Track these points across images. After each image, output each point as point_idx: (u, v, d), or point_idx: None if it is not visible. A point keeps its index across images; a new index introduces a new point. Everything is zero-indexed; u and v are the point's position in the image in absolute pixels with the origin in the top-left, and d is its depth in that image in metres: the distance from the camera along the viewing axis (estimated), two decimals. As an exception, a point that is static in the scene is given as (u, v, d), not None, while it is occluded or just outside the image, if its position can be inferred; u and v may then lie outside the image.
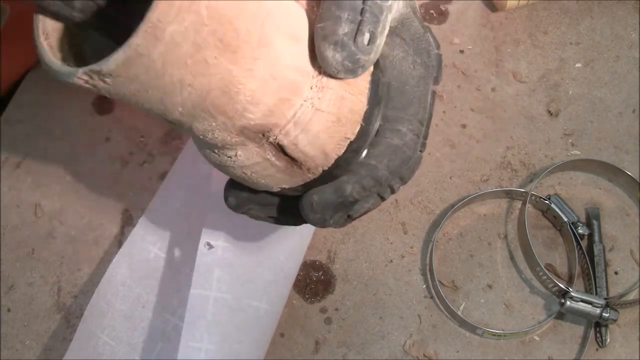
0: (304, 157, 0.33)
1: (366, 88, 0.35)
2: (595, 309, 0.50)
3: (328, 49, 0.32)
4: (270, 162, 0.33)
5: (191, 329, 0.46)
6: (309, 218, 0.35)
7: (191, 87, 0.28)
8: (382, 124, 0.36)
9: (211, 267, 0.47)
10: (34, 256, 0.57)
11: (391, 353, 0.52)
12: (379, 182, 0.36)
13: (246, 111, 0.30)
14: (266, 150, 0.33)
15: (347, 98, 0.34)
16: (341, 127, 0.34)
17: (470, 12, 0.63)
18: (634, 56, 0.61)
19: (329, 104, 0.33)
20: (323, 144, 0.34)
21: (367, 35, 0.33)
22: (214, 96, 0.29)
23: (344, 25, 0.32)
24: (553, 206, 0.54)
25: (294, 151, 0.33)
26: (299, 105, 0.32)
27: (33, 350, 0.54)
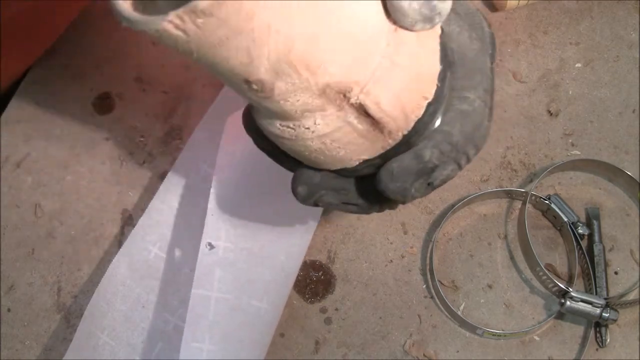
0: (386, 117, 0.33)
1: (437, 49, 0.34)
2: (595, 309, 0.50)
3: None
4: (352, 126, 0.33)
5: (193, 329, 0.46)
6: (389, 188, 0.34)
7: (278, 34, 0.28)
8: (449, 92, 0.35)
9: (212, 267, 0.47)
10: (34, 256, 0.57)
11: (391, 353, 0.52)
12: (456, 147, 0.35)
13: (329, 65, 0.30)
14: (347, 112, 0.32)
15: (422, 56, 0.34)
16: (420, 84, 0.33)
17: (470, 12, 0.63)
18: (634, 56, 0.61)
19: (407, 59, 0.33)
20: (404, 104, 0.33)
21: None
22: (298, 47, 0.29)
23: None
24: (553, 206, 0.54)
25: (376, 111, 0.32)
26: (377, 63, 0.32)
27: (33, 350, 0.54)
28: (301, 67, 0.30)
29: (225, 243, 0.48)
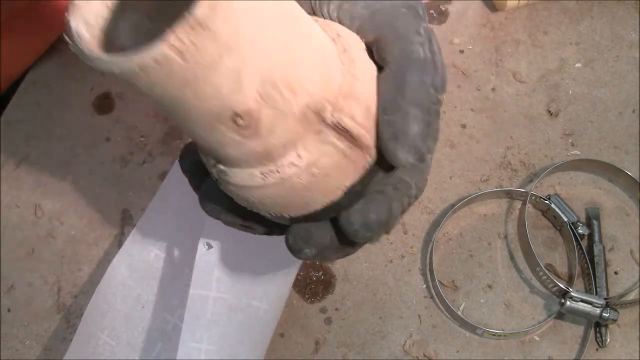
0: (362, 130, 0.32)
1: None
2: (595, 309, 0.50)
3: (401, 150, 0.32)
4: (335, 146, 0.32)
5: (191, 329, 0.46)
6: (359, 235, 0.34)
7: (261, 51, 0.28)
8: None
9: (211, 267, 0.47)
10: (34, 256, 0.57)
11: (391, 353, 0.52)
12: (409, 200, 0.36)
13: (306, 83, 0.30)
14: (327, 134, 0.32)
15: (372, 67, 0.34)
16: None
17: (470, 12, 0.63)
18: (634, 56, 0.61)
19: (362, 72, 0.33)
20: (373, 115, 0.33)
21: (435, 135, 0.34)
22: (280, 66, 0.29)
23: (413, 125, 0.32)
24: (553, 206, 0.54)
25: (353, 126, 0.32)
26: (341, 79, 0.32)
27: (33, 350, 0.54)
28: (285, 88, 0.29)
29: (224, 243, 0.47)
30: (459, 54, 0.61)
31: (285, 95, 0.29)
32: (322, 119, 0.31)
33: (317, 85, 0.31)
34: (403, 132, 0.32)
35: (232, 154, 0.31)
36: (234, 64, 0.27)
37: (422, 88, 0.33)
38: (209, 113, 0.28)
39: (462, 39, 0.62)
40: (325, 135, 0.32)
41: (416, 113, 0.32)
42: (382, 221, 0.34)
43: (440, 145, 0.58)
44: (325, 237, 0.35)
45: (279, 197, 0.33)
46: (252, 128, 0.30)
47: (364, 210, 0.34)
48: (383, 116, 0.33)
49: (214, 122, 0.29)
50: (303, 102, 0.30)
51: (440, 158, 0.58)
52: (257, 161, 0.32)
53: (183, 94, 0.27)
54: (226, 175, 0.33)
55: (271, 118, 0.30)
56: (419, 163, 0.33)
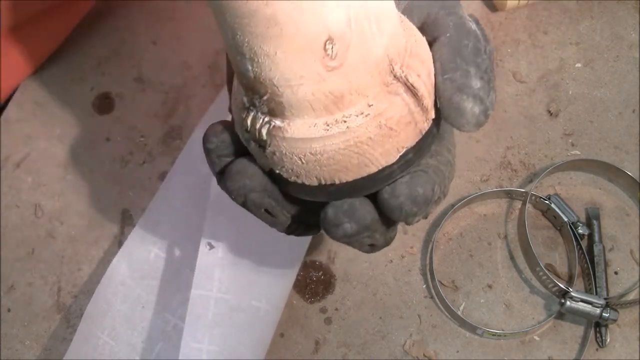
0: (426, 91, 0.33)
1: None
2: (595, 309, 0.50)
3: (467, 100, 0.32)
4: (403, 99, 0.32)
5: (192, 329, 0.46)
6: (402, 209, 0.34)
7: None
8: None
9: (212, 267, 0.47)
10: (34, 256, 0.57)
11: (391, 353, 0.52)
12: (443, 190, 0.37)
13: (386, 26, 0.30)
14: (396, 86, 0.32)
15: (423, 38, 0.35)
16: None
17: (470, 12, 0.63)
18: (634, 56, 0.61)
19: (420, 39, 0.34)
20: (433, 81, 0.33)
21: (494, 92, 0.34)
22: (371, 5, 0.29)
23: (476, 80, 0.33)
24: (553, 206, 0.54)
25: (419, 83, 0.32)
26: (405, 39, 0.32)
27: (33, 350, 0.54)
28: (373, 21, 0.29)
29: (225, 243, 0.48)
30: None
31: (373, 29, 0.29)
32: (393, 71, 0.31)
33: (393, 33, 0.31)
34: (467, 85, 0.33)
35: (304, 93, 0.30)
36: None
37: (478, 52, 0.33)
38: (306, 34, 0.28)
39: (462, 39, 0.62)
40: (394, 87, 0.32)
41: (475, 71, 0.33)
42: (426, 197, 0.34)
43: (440, 145, 0.58)
44: (368, 215, 0.34)
45: (338, 152, 0.32)
46: (339, 59, 0.29)
47: (410, 184, 0.33)
48: (444, 77, 0.33)
49: (305, 48, 0.28)
50: (384, 44, 0.30)
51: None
52: (325, 107, 0.31)
53: (291, 11, 0.27)
54: (281, 130, 0.32)
55: (358, 52, 0.29)
56: (484, 118, 0.33)
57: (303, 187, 0.34)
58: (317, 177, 0.33)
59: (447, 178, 0.36)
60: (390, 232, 0.38)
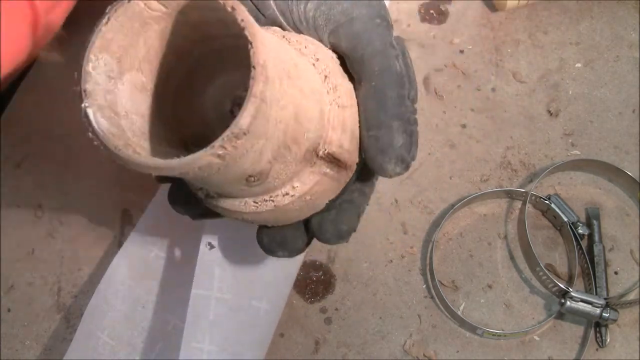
0: (348, 155, 0.35)
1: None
2: (595, 309, 0.50)
3: (389, 162, 0.34)
4: (326, 175, 0.35)
5: (193, 329, 0.46)
6: (330, 242, 0.37)
7: (280, 123, 0.29)
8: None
9: (212, 267, 0.47)
10: (34, 256, 0.57)
11: (391, 353, 0.52)
12: (369, 198, 0.39)
13: (308, 132, 0.32)
14: (320, 166, 0.34)
15: (348, 85, 0.36)
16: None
17: (470, 12, 0.63)
18: (634, 56, 0.61)
19: (346, 98, 0.35)
20: (357, 137, 0.35)
21: (416, 143, 0.35)
22: (290, 128, 0.31)
23: (397, 137, 0.34)
24: (553, 206, 0.54)
25: (341, 153, 0.34)
26: (327, 111, 0.34)
27: (33, 350, 0.54)
28: (292, 145, 0.31)
29: (225, 243, 0.48)
30: (459, 54, 0.62)
31: (293, 150, 0.32)
32: (316, 154, 0.34)
33: (315, 128, 0.33)
34: (389, 145, 0.34)
35: (236, 194, 0.34)
36: (259, 146, 0.29)
37: (401, 101, 0.35)
38: (230, 181, 0.31)
39: (462, 39, 0.62)
40: (317, 166, 0.34)
41: (399, 126, 0.34)
42: (353, 229, 0.37)
43: (440, 145, 0.58)
44: (299, 242, 0.38)
45: (269, 217, 0.36)
46: (262, 180, 0.32)
47: (336, 221, 0.37)
48: (368, 132, 0.35)
49: (232, 184, 0.32)
50: (305, 149, 0.33)
51: (440, 158, 0.58)
52: (254, 194, 0.34)
53: (215, 176, 0.29)
54: (217, 202, 0.36)
55: (278, 170, 0.32)
56: (405, 171, 0.35)
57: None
58: (261, 223, 0.38)
59: (374, 185, 0.39)
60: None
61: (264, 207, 0.35)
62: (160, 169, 0.27)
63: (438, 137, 0.58)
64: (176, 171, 0.27)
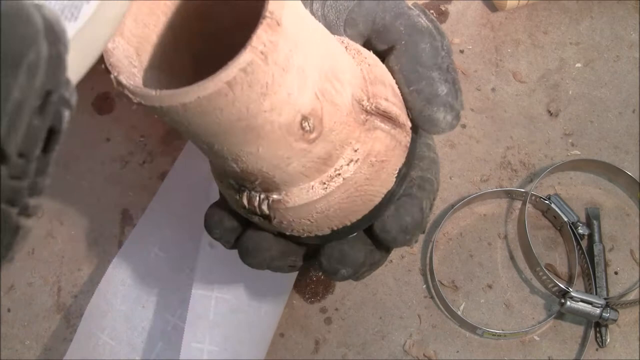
0: (397, 109, 0.33)
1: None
2: (595, 309, 0.50)
3: (438, 111, 0.33)
4: (381, 129, 0.32)
5: (193, 329, 0.46)
6: (398, 241, 0.34)
7: (313, 45, 0.28)
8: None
9: (213, 267, 0.47)
10: (34, 256, 0.57)
11: (391, 353, 0.52)
12: (434, 195, 0.37)
13: (344, 72, 0.30)
14: (372, 121, 0.32)
15: (372, 54, 0.35)
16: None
17: (470, 12, 0.63)
18: (634, 56, 0.61)
19: (372, 58, 0.34)
20: (399, 94, 0.34)
21: (460, 90, 0.34)
22: (327, 58, 0.29)
23: (440, 86, 0.33)
24: (553, 206, 0.54)
25: (389, 107, 0.32)
26: (358, 67, 0.33)
27: (33, 350, 0.54)
28: (335, 80, 0.30)
29: (226, 243, 0.47)
30: (459, 54, 0.61)
31: (337, 87, 0.30)
32: (364, 108, 0.32)
33: (351, 73, 0.31)
34: (434, 95, 0.33)
35: (295, 168, 0.31)
36: (300, 61, 0.27)
37: (436, 52, 0.33)
38: (282, 125, 0.28)
39: (462, 39, 0.62)
40: (370, 122, 0.32)
41: (439, 75, 0.33)
42: (417, 221, 0.34)
43: (440, 145, 0.58)
44: (360, 255, 0.35)
45: (342, 202, 0.33)
46: (317, 130, 0.29)
47: (397, 216, 0.34)
48: (409, 89, 0.33)
49: (284, 136, 0.28)
50: (349, 92, 0.31)
51: (440, 158, 0.58)
52: (316, 170, 0.31)
53: (258, 109, 0.26)
54: (282, 203, 0.32)
55: (331, 114, 0.30)
56: (457, 121, 0.33)
57: (316, 238, 0.35)
58: (329, 227, 0.34)
59: (435, 180, 0.37)
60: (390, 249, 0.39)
61: (333, 185, 0.32)
62: (167, 97, 0.25)
63: (438, 137, 0.58)
64: (192, 95, 0.24)
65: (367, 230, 0.35)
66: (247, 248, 0.36)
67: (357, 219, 0.34)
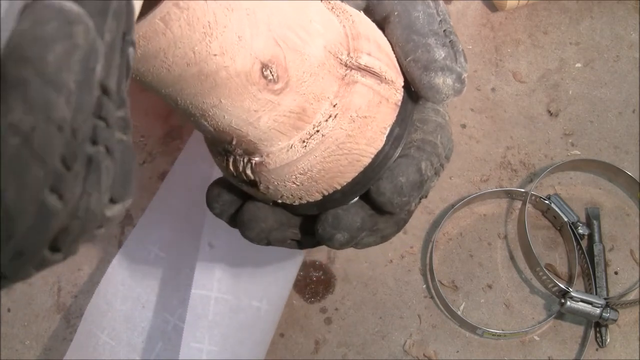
0: (381, 64, 0.32)
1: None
2: (595, 309, 0.50)
3: (436, 76, 0.32)
4: (362, 84, 0.31)
5: (192, 329, 0.46)
6: (394, 203, 0.33)
7: None
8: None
9: (212, 267, 0.47)
10: (34, 256, 0.56)
11: (391, 353, 0.52)
12: (439, 159, 0.35)
13: (314, 22, 0.30)
14: (351, 74, 0.31)
15: (362, 15, 0.35)
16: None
17: (470, 12, 0.63)
18: (634, 56, 0.61)
19: (358, 16, 0.33)
20: (386, 51, 0.33)
21: (462, 53, 0.33)
22: (288, 6, 0.28)
23: (438, 51, 0.32)
24: (553, 206, 0.54)
25: (372, 62, 0.31)
26: (340, 24, 0.32)
27: (33, 350, 0.54)
28: (300, 30, 0.29)
29: (225, 243, 0.48)
30: (459, 54, 0.61)
31: (302, 36, 0.29)
32: (342, 62, 0.31)
33: (325, 28, 0.30)
34: (432, 61, 0.32)
35: (266, 123, 0.30)
36: (247, 2, 0.26)
37: (431, 18, 0.33)
38: (239, 72, 0.27)
39: (462, 39, 0.62)
40: (349, 76, 0.31)
41: (435, 40, 0.32)
42: (413, 182, 0.33)
43: (440, 145, 0.58)
44: (356, 219, 0.34)
45: (325, 161, 0.32)
46: (283, 79, 0.29)
47: (391, 176, 0.33)
48: (407, 59, 0.32)
49: (244, 84, 0.28)
50: (320, 43, 0.30)
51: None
52: (292, 126, 0.31)
53: (206, 52, 0.26)
54: (264, 165, 0.32)
55: (296, 63, 0.29)
56: (460, 84, 0.32)
57: (310, 205, 0.34)
58: (317, 191, 0.33)
59: (440, 144, 0.35)
60: (398, 216, 0.37)
61: (313, 142, 0.31)
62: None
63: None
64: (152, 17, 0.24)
65: (366, 197, 0.34)
66: (244, 220, 0.35)
67: (346, 182, 0.33)
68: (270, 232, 0.35)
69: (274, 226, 0.35)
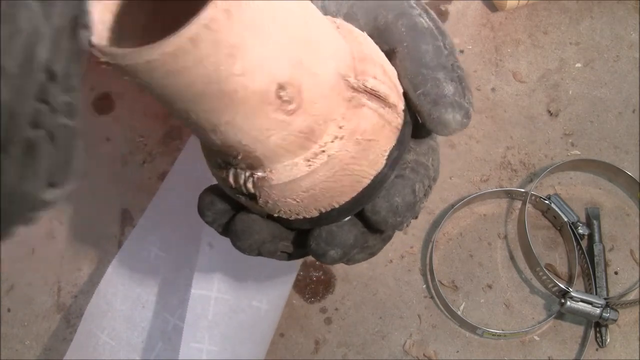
0: (385, 88, 0.32)
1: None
2: (595, 309, 0.50)
3: (446, 112, 0.32)
4: (368, 107, 0.32)
5: (192, 329, 0.46)
6: (389, 223, 0.34)
7: (282, 11, 0.27)
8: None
9: (212, 267, 0.47)
10: (34, 256, 0.57)
11: (391, 353, 0.52)
12: (430, 181, 0.36)
13: (325, 43, 0.30)
14: (358, 98, 0.31)
15: (368, 37, 0.35)
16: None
17: (470, 12, 0.63)
18: (634, 56, 0.61)
19: (363, 37, 0.33)
20: (389, 75, 0.33)
21: (469, 88, 0.33)
22: (300, 27, 0.28)
23: (447, 86, 0.32)
24: (553, 206, 0.54)
25: (378, 86, 0.32)
26: (347, 45, 0.32)
27: (33, 350, 0.54)
28: (311, 52, 0.29)
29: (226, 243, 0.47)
30: (459, 53, 0.61)
31: (317, 59, 0.29)
32: (350, 85, 0.31)
33: (336, 50, 0.31)
34: (441, 96, 0.32)
35: (275, 142, 0.30)
36: (270, 25, 0.26)
37: (439, 52, 0.33)
38: (256, 92, 0.27)
39: (462, 39, 0.62)
40: (356, 99, 0.31)
41: (444, 75, 0.33)
42: (408, 203, 0.34)
43: (440, 145, 0.58)
44: (349, 236, 0.34)
45: (328, 181, 0.32)
46: (296, 100, 0.29)
47: (387, 196, 0.33)
48: (416, 92, 0.33)
49: (259, 104, 0.28)
50: (332, 66, 0.30)
51: (440, 158, 0.58)
52: (299, 145, 0.31)
53: (229, 72, 0.26)
54: (266, 180, 0.32)
55: (310, 85, 0.29)
56: (467, 120, 0.33)
57: (305, 221, 0.34)
58: (316, 208, 0.34)
59: (430, 166, 0.36)
60: (386, 233, 0.38)
61: (317, 162, 0.31)
62: (137, 53, 0.24)
63: (438, 137, 0.58)
64: (173, 44, 0.24)
65: (360, 215, 0.35)
66: (236, 231, 0.35)
67: (345, 201, 0.33)
68: (262, 244, 0.36)
69: (267, 239, 0.35)
